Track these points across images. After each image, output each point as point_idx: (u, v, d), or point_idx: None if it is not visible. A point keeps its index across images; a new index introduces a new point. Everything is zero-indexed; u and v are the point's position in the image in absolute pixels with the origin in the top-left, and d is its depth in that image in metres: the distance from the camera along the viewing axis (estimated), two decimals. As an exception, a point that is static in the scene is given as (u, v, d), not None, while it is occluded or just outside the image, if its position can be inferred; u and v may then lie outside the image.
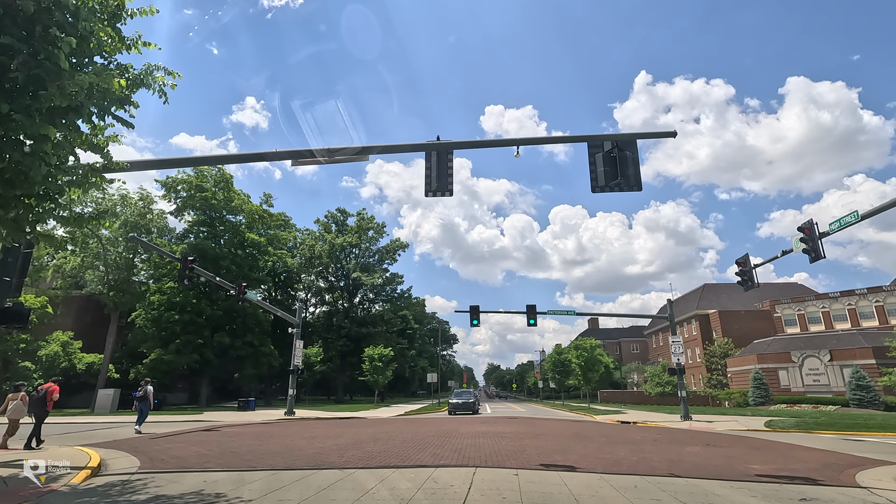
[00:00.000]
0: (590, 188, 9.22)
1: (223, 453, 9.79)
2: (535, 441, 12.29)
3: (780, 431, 19.28)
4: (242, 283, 21.17)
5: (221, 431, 15.26)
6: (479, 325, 26.03)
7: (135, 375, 43.38)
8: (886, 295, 50.88)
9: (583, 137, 9.38)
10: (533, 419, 24.40)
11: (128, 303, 41.67)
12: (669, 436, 14.53)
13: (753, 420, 23.71)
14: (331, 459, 8.75)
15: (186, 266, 17.52)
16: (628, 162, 9.15)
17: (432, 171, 9.47)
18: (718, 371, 55.16)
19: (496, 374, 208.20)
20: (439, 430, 15.47)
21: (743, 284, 17.19)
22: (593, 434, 14.81)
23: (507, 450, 10.20)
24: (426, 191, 9.54)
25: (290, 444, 11.57)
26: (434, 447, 10.67)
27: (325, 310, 62.62)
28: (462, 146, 9.43)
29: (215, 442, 12.06)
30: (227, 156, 9.82)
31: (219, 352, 43.69)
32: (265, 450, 10.30)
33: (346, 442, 11.86)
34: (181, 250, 41.91)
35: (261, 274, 48.28)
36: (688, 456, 9.63)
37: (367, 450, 10.13)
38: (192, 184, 43.06)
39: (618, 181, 9.01)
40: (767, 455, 10.08)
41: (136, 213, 40.40)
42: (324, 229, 60.24)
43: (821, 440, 14.80)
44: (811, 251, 13.74)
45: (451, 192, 9.46)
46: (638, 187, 9.29)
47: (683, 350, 25.21)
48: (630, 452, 9.91)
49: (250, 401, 35.62)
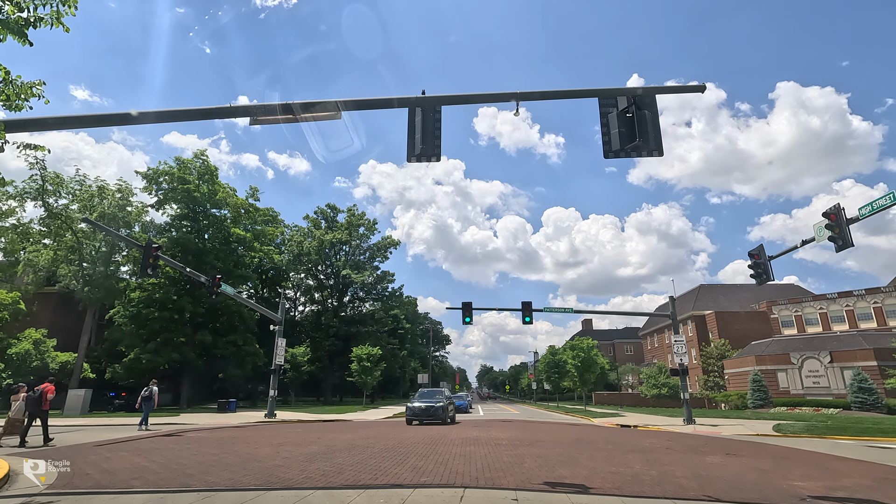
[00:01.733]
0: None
1: (166, 465, 8.25)
2: (533, 449, 10.84)
3: (791, 437, 18.04)
4: (216, 276, 19.52)
5: (184, 437, 13.67)
6: (471, 322, 24.58)
7: (111, 375, 41.47)
8: (885, 296, 50.06)
9: (594, 91, 7.96)
10: (528, 422, 22.97)
11: (104, 299, 39.77)
12: (680, 442, 13.15)
13: (760, 424, 22.46)
14: (289, 475, 7.25)
15: (150, 254, 15.92)
16: (647, 122, 7.73)
17: (416, 130, 8.00)
18: (715, 373, 54.11)
19: (489, 375, 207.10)
20: (426, 436, 13.99)
21: (757, 278, 15.89)
22: (597, 440, 13.40)
23: (502, 461, 8.75)
24: (409, 155, 8.08)
25: (254, 452, 10.05)
26: (417, 457, 9.20)
27: (314, 309, 60.89)
28: (453, 101, 7.97)
29: (168, 450, 10.50)
30: (172, 111, 8.25)
31: (201, 351, 41.87)
32: (219, 461, 8.77)
33: (317, 450, 10.35)
34: (161, 244, 40.10)
35: (246, 270, 46.49)
36: (713, 469, 8.23)
37: (338, 461, 8.63)
38: (175, 175, 41.26)
39: (635, 143, 7.60)
40: (802, 467, 8.71)
41: (114, 206, 38.49)
42: (313, 226, 58.48)
43: (843, 447, 13.50)
44: (838, 239, 12.44)
45: (439, 157, 8.01)
46: (659, 151, 7.90)
47: (686, 350, 23.90)
48: (646, 464, 8.49)
49: (231, 402, 33.88)
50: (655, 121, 7.99)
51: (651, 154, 7.91)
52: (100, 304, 40.85)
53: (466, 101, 7.94)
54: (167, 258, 19.81)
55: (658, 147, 7.93)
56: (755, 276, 15.91)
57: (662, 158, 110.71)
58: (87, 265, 38.86)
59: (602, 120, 8.12)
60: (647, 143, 7.68)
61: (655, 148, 7.92)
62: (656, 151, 7.93)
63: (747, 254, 16.24)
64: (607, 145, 7.99)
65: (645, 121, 7.74)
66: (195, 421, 23.13)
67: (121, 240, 26.02)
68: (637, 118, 7.72)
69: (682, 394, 23.30)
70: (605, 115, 8.10)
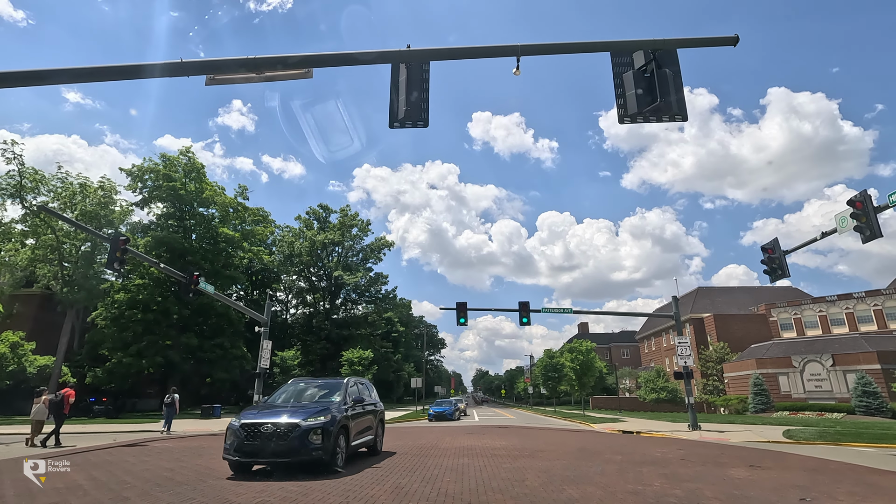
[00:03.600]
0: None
1: (103, 485, 7.01)
2: (534, 461, 9.66)
3: (804, 444, 16.99)
4: (195, 273, 18.27)
5: (148, 447, 12.39)
6: (466, 323, 23.43)
7: (91, 380, 39.90)
8: (885, 298, 49.32)
9: (606, 45, 6.87)
10: (526, 429, 21.78)
11: (85, 300, 38.27)
12: (693, 451, 12.02)
13: (769, 430, 21.40)
14: (242, 499, 6.03)
15: (118, 248, 14.64)
16: (669, 82, 6.62)
17: (400, 91, 6.86)
18: (714, 376, 53.13)
19: (485, 379, 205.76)
20: (415, 445, 12.79)
21: (771, 274, 14.83)
22: (602, 449, 12.23)
23: (500, 477, 7.58)
24: (391, 120, 6.92)
25: (215, 467, 8.81)
26: (400, 473, 8.01)
27: (306, 311, 59.48)
28: (442, 56, 6.82)
29: (119, 464, 9.24)
30: (112, 67, 7.00)
31: (186, 354, 40.41)
32: (169, 478, 7.54)
33: (290, 463, 9.10)
34: (145, 244, 38.72)
35: (235, 272, 45.08)
36: (745, 487, 7.09)
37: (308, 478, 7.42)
38: (160, 173, 39.97)
39: (656, 104, 6.48)
40: (843, 484, 7.60)
41: (96, 203, 37.05)
42: (305, 226, 57.13)
43: (867, 456, 12.46)
44: (865, 228, 11.41)
45: (427, 121, 6.87)
46: (682, 116, 6.81)
47: (691, 351, 22.83)
48: (666, 481, 7.35)
49: (216, 407, 32.46)
50: (678, 81, 6.91)
51: (673, 118, 6.82)
52: (82, 306, 39.36)
53: (458, 56, 6.81)
54: (138, 252, 18.53)
55: (682, 111, 6.85)
56: (769, 273, 14.86)
57: (656, 163, 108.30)
58: (68, 265, 37.37)
59: (616, 81, 7.03)
60: (668, 106, 6.56)
61: (679, 112, 6.84)
62: (679, 116, 6.84)
63: (760, 248, 15.19)
64: (622, 109, 6.89)
65: (666, 80, 6.64)
66: (174, 428, 21.80)
67: (85, 231, 24.69)
68: (657, 77, 6.61)
69: (687, 398, 22.20)
70: (619, 76, 7.02)
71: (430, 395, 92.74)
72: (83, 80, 6.95)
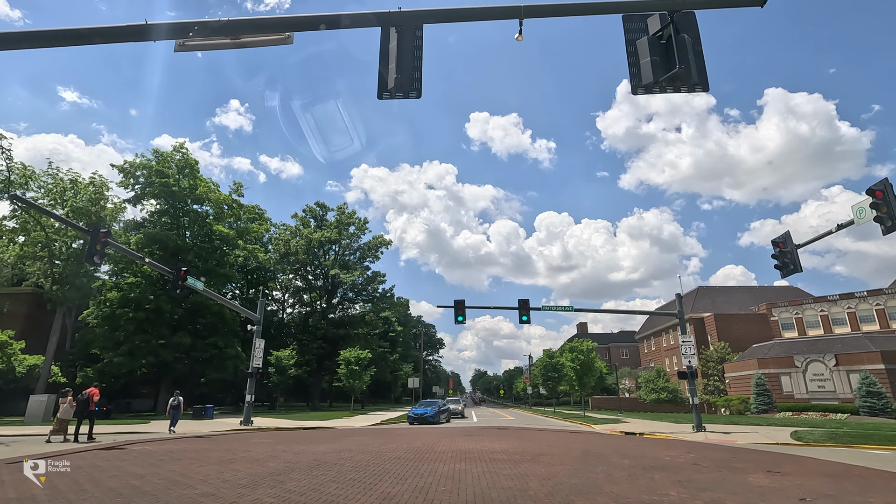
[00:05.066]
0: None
1: (59, 495, 6.31)
2: (537, 467, 8.98)
3: (814, 445, 16.39)
4: (182, 269, 17.55)
5: (126, 451, 11.68)
6: (464, 321, 22.74)
7: (82, 380, 39.12)
8: (887, 298, 48.77)
9: (618, 4, 6.19)
10: (526, 430, 21.09)
11: (76, 298, 37.48)
12: (703, 455, 11.36)
13: (776, 431, 20.78)
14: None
15: (98, 240, 13.93)
16: (688, 48, 5.95)
17: (390, 59, 6.18)
18: (715, 377, 52.54)
19: (483, 380, 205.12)
20: (410, 448, 12.11)
21: (783, 269, 14.18)
22: (607, 452, 11.57)
23: (500, 486, 6.91)
24: (380, 90, 6.25)
25: (190, 473, 8.12)
26: (392, 480, 7.33)
27: (302, 311, 58.70)
28: (438, 18, 6.12)
29: (90, 470, 8.55)
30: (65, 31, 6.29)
31: (180, 354, 39.63)
32: (137, 488, 6.85)
33: (271, 470, 8.44)
34: (137, 241, 37.94)
35: (230, 270, 44.28)
36: (770, 496, 6.44)
37: (288, 487, 6.75)
38: (153, 169, 39.17)
39: (675, 71, 5.82)
40: (874, 491, 6.96)
41: (87, 199, 36.27)
42: (301, 224, 56.32)
43: (884, 460, 11.85)
44: (886, 219, 10.78)
45: (420, 92, 6.19)
46: (703, 86, 6.14)
47: (695, 350, 22.19)
48: (683, 490, 6.68)
49: (208, 408, 31.69)
50: (698, 47, 6.24)
51: (693, 89, 6.14)
52: (73, 304, 38.58)
53: (454, 18, 6.13)
54: (120, 246, 17.78)
55: (702, 80, 6.18)
56: (780, 268, 14.21)
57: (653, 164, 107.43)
58: (59, 263, 36.58)
59: (629, 48, 6.37)
60: (688, 73, 5.88)
61: (699, 81, 6.17)
62: (700, 86, 6.18)
63: (770, 242, 14.55)
64: (636, 79, 6.22)
65: (685, 46, 5.96)
66: (162, 429, 21.15)
67: (61, 222, 24.01)
68: (676, 43, 5.95)
69: (692, 398, 21.55)
70: (631, 42, 6.36)
71: (429, 395, 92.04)
72: (37, 45, 6.25)
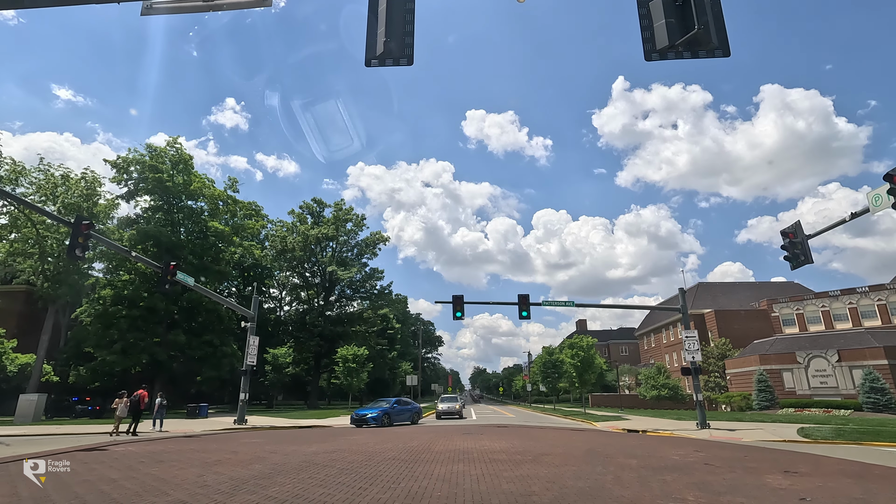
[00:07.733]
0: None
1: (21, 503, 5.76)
2: (539, 468, 8.45)
3: (822, 443, 15.95)
4: (171, 263, 16.98)
5: (108, 451, 11.14)
6: (462, 317, 22.25)
7: (74, 379, 38.58)
8: (889, 293, 48.36)
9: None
10: (527, 428, 20.58)
11: (68, 296, 36.88)
12: (713, 454, 10.85)
13: (782, 428, 20.32)
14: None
15: (80, 232, 13.34)
16: (707, 8, 5.39)
17: (380, 22, 5.61)
18: (716, 373, 52.16)
19: (482, 377, 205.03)
20: (405, 448, 11.58)
21: (793, 260, 13.65)
22: (612, 452, 11.05)
23: (501, 490, 6.37)
24: (368, 56, 5.68)
25: (168, 476, 7.57)
26: (383, 484, 6.79)
27: (299, 308, 58.13)
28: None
29: (62, 474, 8.01)
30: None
31: (174, 352, 39.05)
32: (101, 492, 6.30)
33: (256, 472, 7.90)
34: (130, 237, 37.32)
35: (226, 267, 43.67)
36: (793, 501, 5.91)
37: (271, 493, 6.20)
38: (146, 164, 38.49)
39: (694, 32, 5.25)
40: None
41: (79, 195, 35.61)
42: (298, 221, 55.70)
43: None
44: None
45: (411, 59, 5.64)
46: (724, 51, 5.57)
47: (698, 346, 21.69)
48: (700, 493, 6.15)
49: (202, 406, 31.17)
50: (717, 7, 5.68)
51: (713, 53, 5.58)
52: (65, 302, 37.97)
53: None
54: (105, 239, 17.24)
55: (723, 44, 5.61)
56: (791, 259, 13.68)
57: (650, 161, 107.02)
58: (50, 260, 35.93)
59: (641, 10, 5.82)
60: (707, 35, 5.31)
61: (719, 46, 5.59)
62: (720, 51, 5.61)
63: (780, 233, 14.02)
64: (649, 43, 5.67)
65: (704, 4, 5.39)
66: (149, 429, 20.56)
67: (43, 214, 23.42)
68: (694, 2, 5.38)
69: (696, 395, 21.09)
70: (644, 4, 5.82)
71: (428, 393, 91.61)
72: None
